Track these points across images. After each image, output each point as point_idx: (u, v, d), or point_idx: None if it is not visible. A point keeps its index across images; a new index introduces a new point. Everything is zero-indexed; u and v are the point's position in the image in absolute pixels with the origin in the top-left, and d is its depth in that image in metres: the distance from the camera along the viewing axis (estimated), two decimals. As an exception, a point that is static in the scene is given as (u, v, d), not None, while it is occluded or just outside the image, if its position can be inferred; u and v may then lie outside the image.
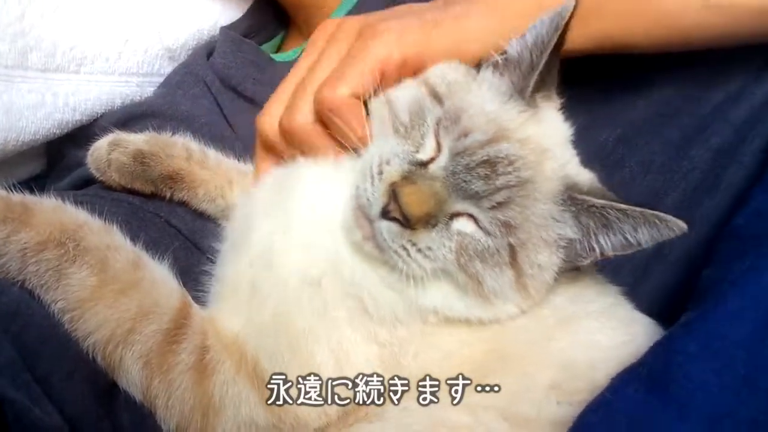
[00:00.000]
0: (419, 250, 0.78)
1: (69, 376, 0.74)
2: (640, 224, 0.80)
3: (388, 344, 0.81)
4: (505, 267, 0.81)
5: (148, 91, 1.31)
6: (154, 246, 0.89)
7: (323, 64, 0.89)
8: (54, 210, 0.81)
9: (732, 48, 0.95)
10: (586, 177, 0.88)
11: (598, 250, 0.84)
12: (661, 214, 0.79)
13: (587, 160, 0.91)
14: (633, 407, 0.67)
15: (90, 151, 1.01)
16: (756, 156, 0.99)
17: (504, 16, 0.88)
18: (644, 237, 0.81)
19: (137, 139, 1.01)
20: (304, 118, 0.88)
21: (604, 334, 0.85)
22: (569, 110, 0.91)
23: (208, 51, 1.37)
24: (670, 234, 0.79)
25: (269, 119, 0.92)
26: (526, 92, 0.85)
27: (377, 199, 0.78)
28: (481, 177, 0.79)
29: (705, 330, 0.70)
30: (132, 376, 0.76)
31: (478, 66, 0.89)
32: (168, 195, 1.03)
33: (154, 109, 1.19)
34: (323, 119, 0.86)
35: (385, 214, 0.78)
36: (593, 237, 0.83)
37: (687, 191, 1.03)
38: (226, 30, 1.39)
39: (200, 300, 0.89)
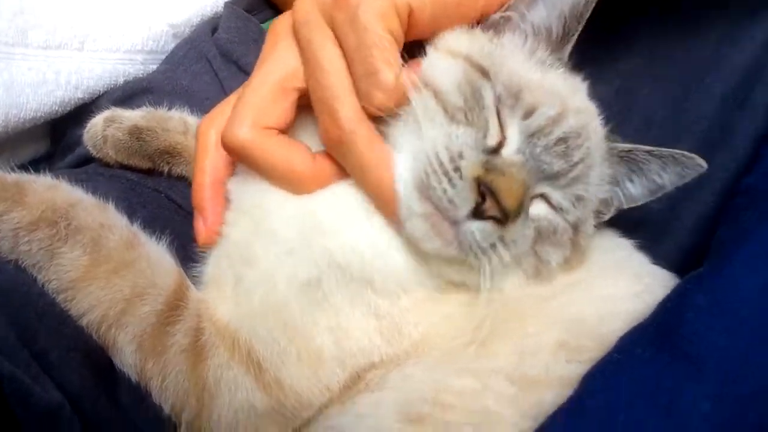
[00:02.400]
0: (505, 245, 0.71)
1: (67, 353, 0.70)
2: (668, 163, 0.79)
3: (387, 315, 0.75)
4: (568, 244, 0.78)
5: (152, 69, 1.24)
6: (154, 222, 0.83)
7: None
8: (47, 188, 0.76)
9: None
10: None
11: (622, 201, 0.82)
12: (686, 152, 0.78)
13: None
14: (641, 367, 0.61)
15: (86, 129, 0.96)
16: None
17: None
18: (671, 177, 0.80)
19: (133, 115, 0.96)
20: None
21: (615, 286, 0.80)
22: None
23: (212, 27, 1.31)
24: (693, 173, 0.79)
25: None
26: (563, 61, 0.79)
27: (465, 199, 0.68)
28: (560, 155, 0.74)
29: (715, 285, 0.65)
30: (126, 358, 0.72)
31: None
32: (166, 170, 0.98)
33: (154, 85, 1.13)
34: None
35: (477, 213, 0.69)
36: (621, 185, 0.82)
37: (693, 145, 0.95)
38: (231, 5, 1.33)
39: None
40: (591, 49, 0.91)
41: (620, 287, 0.79)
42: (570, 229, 0.77)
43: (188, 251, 0.84)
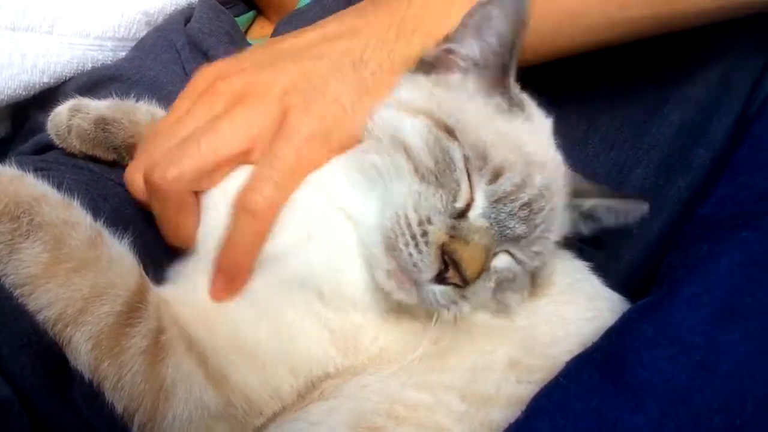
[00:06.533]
0: (466, 300, 0.73)
1: (20, 349, 0.68)
2: (620, 215, 0.82)
3: (339, 330, 0.76)
4: (527, 288, 0.79)
5: (122, 56, 1.22)
6: (116, 218, 0.82)
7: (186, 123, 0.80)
8: (11, 181, 0.74)
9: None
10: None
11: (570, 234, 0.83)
12: (635, 201, 0.82)
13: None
14: (586, 394, 0.63)
15: (50, 117, 0.93)
16: (726, 137, 0.94)
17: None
18: (617, 223, 0.83)
19: (99, 106, 0.93)
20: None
21: (568, 309, 0.81)
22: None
23: (185, 17, 1.29)
24: (640, 215, 0.82)
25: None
26: (508, 95, 0.79)
27: (428, 265, 0.69)
28: (522, 220, 0.74)
29: (661, 316, 0.66)
30: (81, 356, 0.70)
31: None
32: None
33: (122, 73, 1.11)
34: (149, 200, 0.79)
35: (440, 280, 0.70)
36: (573, 227, 0.84)
37: (651, 167, 0.97)
38: None
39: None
40: (560, 73, 0.93)
41: (574, 310, 0.81)
42: (528, 276, 0.78)
43: (151, 249, 0.83)
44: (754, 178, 0.80)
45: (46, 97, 1.09)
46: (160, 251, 0.84)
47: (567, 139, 0.88)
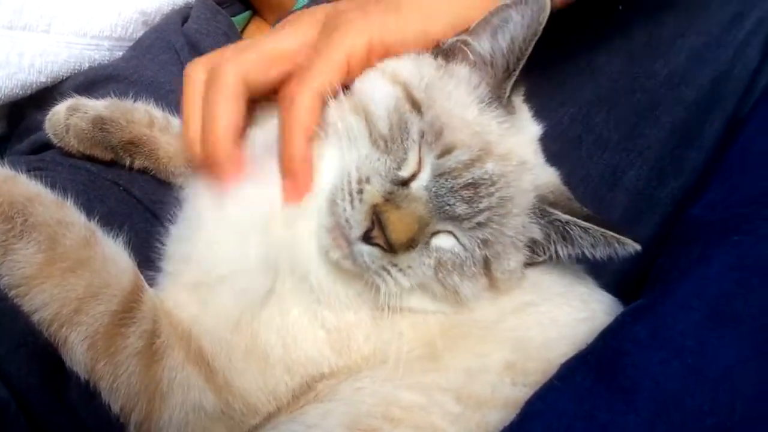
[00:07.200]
0: (400, 270, 0.73)
1: (16, 349, 0.68)
2: (599, 243, 0.77)
3: (335, 330, 0.76)
4: (480, 276, 0.78)
5: (119, 56, 1.21)
6: (112, 217, 0.81)
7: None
8: (4, 181, 0.73)
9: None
10: (550, 178, 0.83)
11: (552, 255, 0.81)
12: (620, 237, 0.76)
13: (545, 139, 0.86)
14: (580, 396, 0.62)
15: (48, 116, 0.92)
16: (718, 140, 0.94)
17: None
18: (600, 254, 0.78)
19: (97, 105, 0.92)
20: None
21: (562, 311, 0.81)
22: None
23: (182, 17, 1.28)
24: (624, 253, 0.77)
25: None
26: (503, 98, 0.79)
27: (358, 222, 0.71)
28: (464, 200, 0.74)
29: (654, 319, 0.66)
30: (76, 356, 0.70)
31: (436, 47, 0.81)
32: (128, 162, 0.94)
33: (119, 73, 1.10)
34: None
35: (367, 238, 0.71)
36: (552, 245, 0.81)
37: (644, 169, 0.98)
38: None
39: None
40: (555, 76, 0.93)
41: (567, 312, 0.80)
42: (479, 264, 0.77)
43: (147, 248, 0.82)
44: (746, 181, 0.80)
45: (43, 96, 1.08)
46: (155, 251, 0.83)
47: (561, 141, 0.88)
